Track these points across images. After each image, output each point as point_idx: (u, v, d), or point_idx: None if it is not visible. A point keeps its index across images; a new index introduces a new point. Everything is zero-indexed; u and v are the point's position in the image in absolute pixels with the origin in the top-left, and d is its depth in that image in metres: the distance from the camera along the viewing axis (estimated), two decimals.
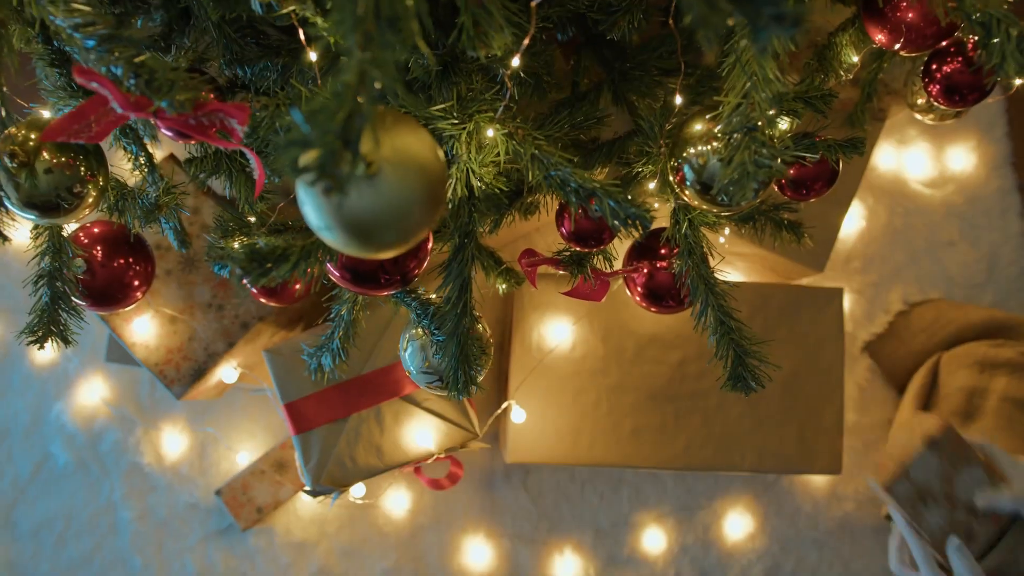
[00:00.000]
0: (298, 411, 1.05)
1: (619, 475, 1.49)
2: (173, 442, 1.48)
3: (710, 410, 1.25)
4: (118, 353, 1.30)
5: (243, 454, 1.44)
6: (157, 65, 0.52)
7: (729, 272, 0.89)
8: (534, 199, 0.89)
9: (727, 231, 1.08)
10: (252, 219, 0.85)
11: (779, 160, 0.54)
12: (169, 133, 0.59)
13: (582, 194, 0.61)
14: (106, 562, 1.47)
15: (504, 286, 0.99)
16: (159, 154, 1.16)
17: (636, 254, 1.00)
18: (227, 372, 1.15)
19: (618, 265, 0.92)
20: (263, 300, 1.04)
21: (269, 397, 1.07)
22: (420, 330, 0.83)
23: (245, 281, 0.56)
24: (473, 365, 0.71)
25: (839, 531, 1.49)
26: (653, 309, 1.01)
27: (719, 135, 0.63)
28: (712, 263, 0.89)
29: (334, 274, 0.75)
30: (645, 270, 0.81)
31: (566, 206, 0.72)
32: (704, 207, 0.67)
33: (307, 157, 0.38)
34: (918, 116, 1.13)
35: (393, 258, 0.74)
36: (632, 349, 1.25)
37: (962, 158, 1.57)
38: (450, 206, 0.68)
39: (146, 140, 0.91)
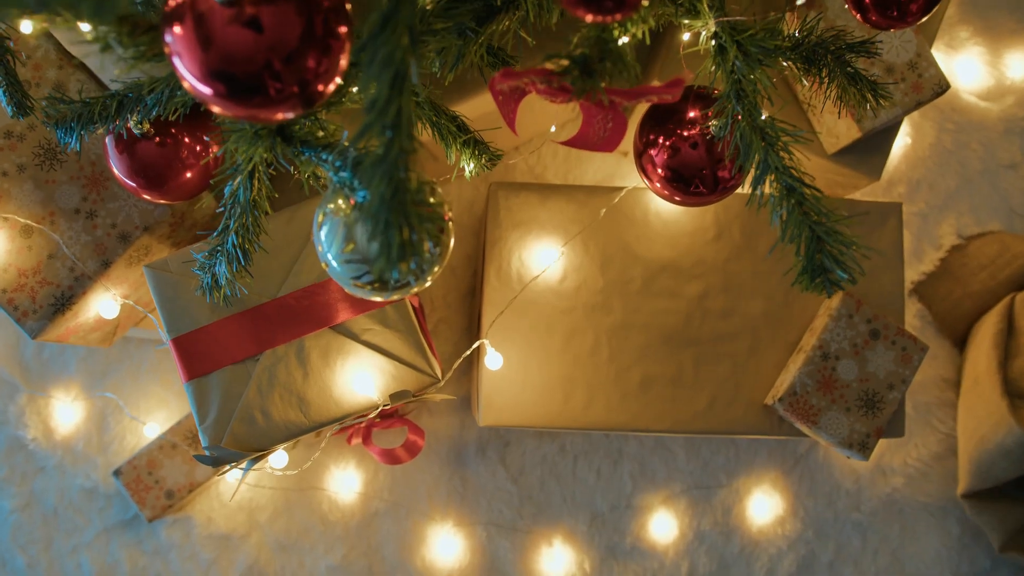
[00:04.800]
0: (190, 348, 0.77)
1: (619, 447, 1.22)
2: (65, 412, 1.19)
3: (739, 356, 0.98)
4: None
5: (152, 425, 1.15)
6: None
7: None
8: (512, 22, 0.61)
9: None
10: None
11: None
12: None
13: None
14: None
15: (472, 165, 0.71)
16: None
17: (653, 122, 0.73)
18: (106, 305, 0.87)
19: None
20: (146, 197, 0.75)
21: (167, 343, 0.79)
22: (340, 202, 0.56)
23: None
24: (414, 223, 0.44)
25: (885, 512, 1.23)
26: (677, 198, 0.74)
27: None
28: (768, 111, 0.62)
29: (200, 88, 0.47)
30: (680, 88, 0.53)
31: None
32: None
33: None
34: None
35: (285, 56, 0.46)
36: (640, 279, 0.98)
37: (1023, 65, 1.31)
38: None
39: None
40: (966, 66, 1.32)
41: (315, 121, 0.60)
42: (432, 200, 0.54)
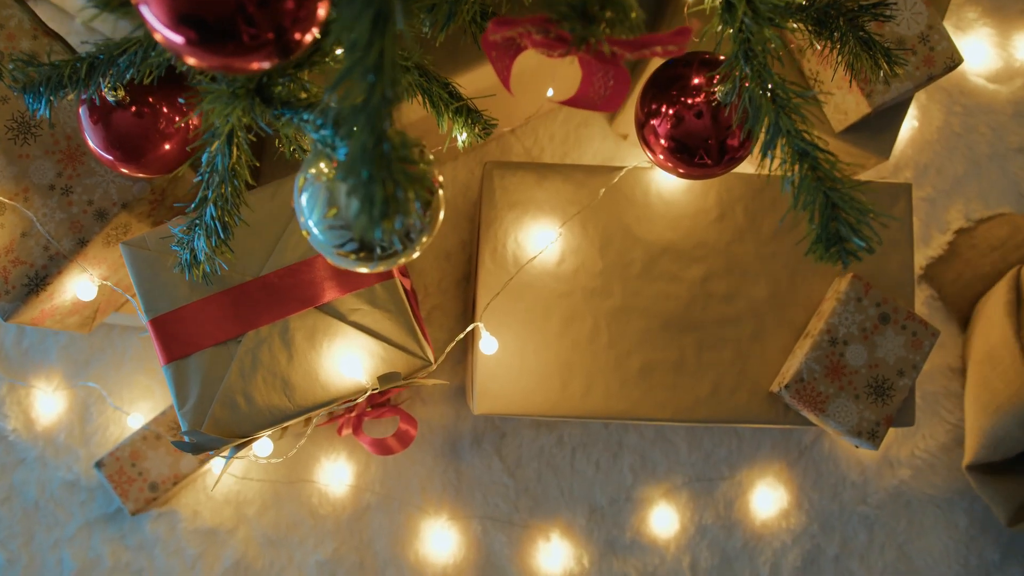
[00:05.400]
0: (169, 329, 0.73)
1: (619, 438, 1.18)
2: (46, 402, 1.15)
3: (743, 342, 0.95)
4: None
5: (137, 416, 1.12)
6: None
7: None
8: None
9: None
10: None
11: None
12: None
13: None
14: None
15: (465, 135, 0.68)
16: None
17: (656, 91, 0.70)
18: (83, 286, 0.83)
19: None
20: (123, 171, 0.72)
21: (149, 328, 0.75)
22: (323, 165, 0.52)
23: None
24: (399, 178, 0.40)
25: (892, 505, 1.20)
26: (681, 170, 0.71)
27: None
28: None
29: (170, 36, 0.44)
30: (687, 38, 0.50)
31: None
32: None
33: None
34: None
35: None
36: (640, 262, 0.95)
37: None
38: None
39: None
40: (974, 48, 1.28)
41: (297, 82, 0.57)
42: (421, 162, 0.51)
